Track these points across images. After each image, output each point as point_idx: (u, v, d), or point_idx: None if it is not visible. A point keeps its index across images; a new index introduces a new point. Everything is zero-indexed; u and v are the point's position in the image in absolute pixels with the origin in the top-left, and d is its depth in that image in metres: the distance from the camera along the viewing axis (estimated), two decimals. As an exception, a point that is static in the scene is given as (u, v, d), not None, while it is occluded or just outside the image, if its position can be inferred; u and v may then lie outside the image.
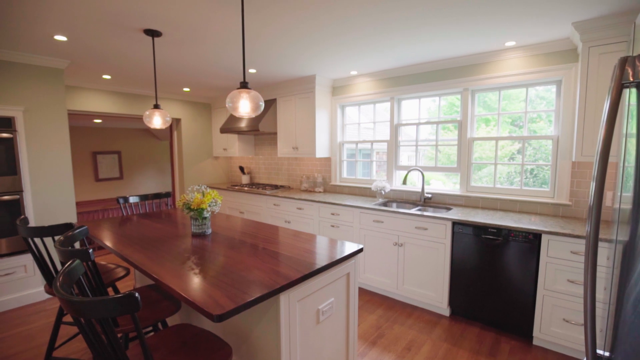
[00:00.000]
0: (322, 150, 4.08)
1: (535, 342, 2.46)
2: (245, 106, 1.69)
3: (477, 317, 2.73)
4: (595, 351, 0.91)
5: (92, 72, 3.59)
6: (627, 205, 0.89)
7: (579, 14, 2.14)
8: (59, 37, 2.56)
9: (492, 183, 3.15)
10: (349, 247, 1.85)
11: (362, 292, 3.35)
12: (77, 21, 2.25)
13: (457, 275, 2.75)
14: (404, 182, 3.34)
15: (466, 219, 2.65)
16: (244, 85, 1.73)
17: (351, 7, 2.06)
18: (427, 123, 3.54)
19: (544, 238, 2.31)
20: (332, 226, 3.56)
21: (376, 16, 2.19)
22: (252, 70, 3.63)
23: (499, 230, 2.51)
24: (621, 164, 1.03)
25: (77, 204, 7.28)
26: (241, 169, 5.36)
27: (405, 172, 3.60)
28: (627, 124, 0.95)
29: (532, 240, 2.37)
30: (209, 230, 2.20)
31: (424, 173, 3.44)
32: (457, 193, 3.28)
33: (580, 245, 2.19)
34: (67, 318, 2.96)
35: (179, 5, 2.02)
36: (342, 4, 2.02)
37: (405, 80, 3.55)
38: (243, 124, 4.38)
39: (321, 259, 1.67)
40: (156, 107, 2.57)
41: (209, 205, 2.10)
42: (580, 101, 2.34)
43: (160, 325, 2.01)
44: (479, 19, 2.23)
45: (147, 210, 3.23)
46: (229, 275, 1.47)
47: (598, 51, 2.24)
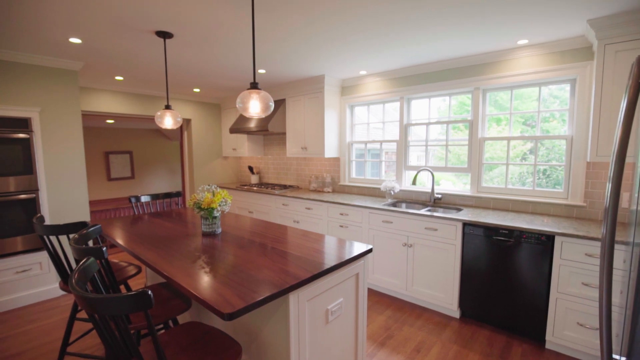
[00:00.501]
0: (330, 150, 4.08)
1: (547, 345, 2.42)
2: (255, 106, 1.71)
3: (487, 320, 2.70)
4: (611, 356, 0.89)
5: (105, 73, 3.66)
6: (646, 207, 0.87)
7: (594, 11, 2.10)
8: (74, 40, 2.62)
9: (504, 184, 3.10)
10: (358, 248, 1.85)
11: (371, 293, 3.34)
12: (92, 24, 2.29)
13: (468, 277, 2.72)
14: (414, 183, 3.32)
15: (477, 219, 2.62)
16: (254, 85, 1.74)
17: (360, 7, 2.05)
18: (438, 123, 3.51)
19: (558, 240, 2.27)
20: (341, 226, 3.55)
21: (386, 16, 2.18)
22: (262, 71, 3.65)
23: (510, 231, 2.47)
24: (638, 164, 1.00)
25: (90, 202, 7.42)
26: (250, 169, 5.40)
27: (415, 172, 3.57)
28: (646, 124, 0.93)
29: (545, 242, 2.32)
30: (219, 230, 2.22)
31: (434, 173, 3.41)
32: (468, 194, 3.24)
33: (595, 248, 2.14)
34: (80, 314, 3.03)
35: (190, 7, 2.05)
36: (352, 5, 2.01)
37: (415, 80, 3.53)
38: (252, 124, 4.41)
39: (330, 259, 1.67)
40: (167, 107, 2.61)
41: (219, 205, 2.12)
42: (595, 100, 2.29)
43: (171, 323, 2.04)
44: (490, 17, 2.21)
45: (158, 210, 3.27)
46: (238, 274, 1.48)
47: (614, 49, 2.19)
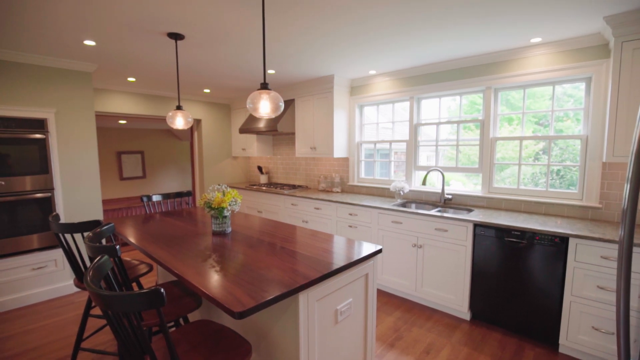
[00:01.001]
0: (340, 150, 4.08)
1: (561, 349, 2.37)
2: (265, 107, 1.71)
3: (499, 322, 2.66)
4: (630, 361, 0.87)
5: (118, 74, 3.73)
6: (666, 209, 0.85)
7: (611, 7, 2.05)
8: (88, 42, 2.67)
9: (516, 184, 3.05)
10: (368, 248, 1.84)
11: (380, 294, 3.33)
12: (106, 26, 2.34)
13: (479, 279, 2.68)
14: (424, 183, 3.29)
15: (488, 220, 2.58)
16: (264, 86, 1.75)
17: (370, 7, 2.04)
18: (448, 122, 3.47)
19: (572, 242, 2.22)
20: (350, 226, 3.54)
21: (396, 15, 2.17)
22: (271, 71, 3.67)
23: (523, 232, 2.43)
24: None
25: (103, 201, 7.57)
26: (259, 168, 5.43)
27: (424, 172, 3.54)
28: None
29: (559, 243, 2.28)
30: (229, 229, 2.24)
31: (444, 173, 3.38)
32: (479, 194, 3.20)
33: (611, 250, 2.09)
34: (94, 311, 3.09)
35: (202, 9, 2.07)
36: (362, 5, 2.00)
37: (425, 79, 3.50)
38: (262, 125, 4.43)
39: (339, 259, 1.66)
40: (179, 108, 2.64)
41: (229, 205, 2.14)
42: (612, 99, 2.23)
43: (181, 321, 2.07)
44: (503, 16, 2.17)
45: (169, 209, 3.32)
46: (249, 273, 1.49)
47: (632, 46, 2.13)
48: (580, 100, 2.72)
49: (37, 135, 3.12)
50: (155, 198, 3.28)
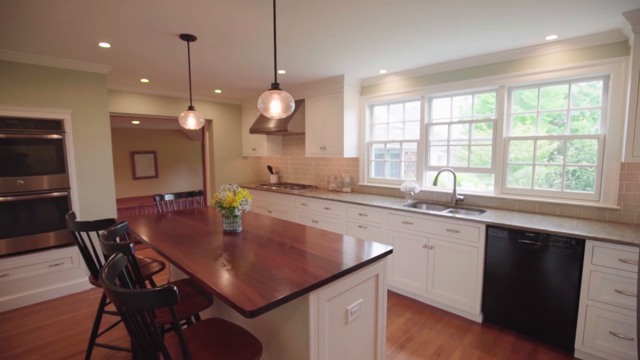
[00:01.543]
0: (350, 150, 4.07)
1: (576, 354, 2.31)
2: (276, 107, 1.72)
3: (512, 325, 2.61)
4: (651, 368, 0.84)
5: (132, 76, 3.80)
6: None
7: (631, 2, 1.98)
8: (103, 44, 2.73)
9: (530, 185, 2.99)
10: (378, 248, 1.83)
11: (390, 295, 3.30)
12: (120, 29, 2.38)
13: (491, 281, 2.64)
14: (435, 183, 3.25)
15: (501, 222, 2.54)
16: (275, 86, 1.75)
17: (381, 7, 2.03)
18: (460, 122, 3.43)
19: (588, 244, 2.16)
20: (360, 227, 3.53)
21: (407, 14, 2.15)
22: (281, 72, 3.68)
23: (537, 234, 2.38)
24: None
25: (117, 200, 7.71)
26: (269, 168, 5.46)
27: (435, 172, 3.50)
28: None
29: (575, 246, 2.22)
30: (240, 228, 2.26)
31: (456, 174, 3.33)
32: (491, 195, 3.15)
33: (630, 253, 2.03)
34: (108, 307, 3.15)
35: (213, 10, 2.09)
36: (372, 4, 1.99)
37: (437, 79, 3.46)
38: (272, 125, 4.45)
39: (350, 259, 1.66)
40: (191, 108, 2.67)
41: (240, 204, 2.15)
42: (631, 97, 2.17)
43: (193, 319, 2.09)
44: (517, 13, 2.13)
45: (181, 208, 3.36)
46: (259, 273, 1.50)
47: (652, 43, 2.07)
48: (597, 98, 2.65)
49: (54, 136, 3.20)
50: (168, 197, 3.33)
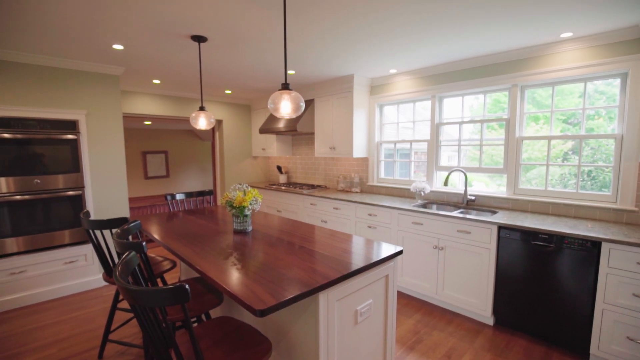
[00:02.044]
0: (359, 150, 4.05)
1: (592, 359, 2.26)
2: (286, 107, 1.73)
3: (524, 329, 2.56)
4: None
5: (144, 77, 3.86)
6: None
7: (650, -1, 1.93)
8: (117, 46, 2.78)
9: (543, 185, 2.93)
10: (388, 249, 1.82)
11: (399, 296, 3.28)
12: (133, 31, 2.42)
13: (503, 283, 2.60)
14: (445, 183, 3.22)
15: (514, 223, 2.50)
16: (285, 86, 1.76)
17: (391, 6, 2.02)
18: (472, 122, 3.38)
19: (605, 247, 2.11)
20: (369, 227, 3.52)
21: (417, 13, 2.13)
22: (291, 72, 3.69)
23: (551, 236, 2.33)
24: None
25: (129, 199, 7.85)
26: (279, 168, 5.48)
27: (446, 172, 3.46)
28: None
29: (590, 248, 2.17)
30: (250, 228, 2.27)
31: (467, 174, 3.29)
32: (503, 195, 3.10)
33: (648, 256, 1.97)
34: (121, 304, 3.20)
35: (224, 12, 2.11)
36: (382, 4, 1.98)
37: (448, 78, 3.42)
38: (281, 125, 4.47)
39: (359, 260, 1.65)
40: (202, 109, 2.70)
41: (250, 204, 2.17)
42: (650, 96, 2.10)
43: (203, 317, 2.11)
44: (531, 10, 2.09)
45: (192, 207, 3.40)
46: (269, 272, 1.51)
47: (673, 40, 2.00)
48: (614, 97, 2.59)
49: (70, 136, 3.27)
50: (179, 197, 3.37)
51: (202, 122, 2.71)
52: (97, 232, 3.52)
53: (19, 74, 3.02)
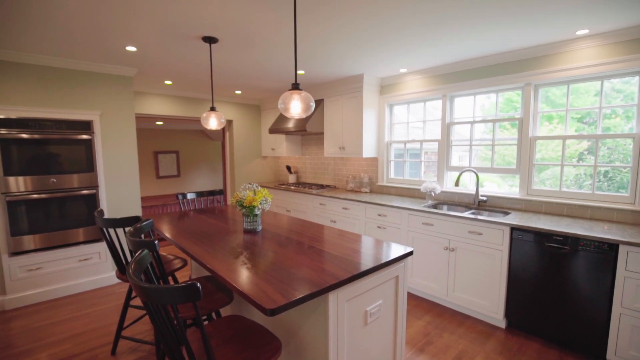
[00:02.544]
0: (369, 150, 4.04)
1: (608, 365, 2.20)
2: (296, 107, 1.73)
3: (537, 332, 2.51)
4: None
5: (156, 78, 3.92)
6: None
7: (671, -6, 1.87)
8: (130, 48, 2.82)
9: (557, 186, 2.87)
10: (398, 250, 1.81)
11: (409, 297, 3.25)
12: (146, 32, 2.46)
13: (516, 285, 2.55)
14: (457, 184, 3.18)
15: (527, 224, 2.45)
16: (295, 86, 1.76)
17: (402, 4, 2.00)
18: (484, 121, 3.33)
19: (622, 249, 2.05)
20: (379, 227, 3.50)
21: (428, 12, 2.11)
22: (300, 72, 3.70)
23: (565, 238, 2.28)
24: None
25: (141, 198, 7.98)
26: (288, 168, 5.50)
27: (457, 173, 3.42)
28: None
29: (607, 251, 2.12)
30: (260, 227, 2.28)
31: (478, 174, 3.24)
32: (516, 196, 3.04)
33: (668, 259, 1.91)
34: (133, 302, 3.26)
35: (234, 12, 2.12)
36: (393, 4, 1.97)
37: (459, 77, 3.38)
38: (291, 125, 4.48)
39: (369, 260, 1.64)
40: (212, 109, 2.72)
41: (260, 203, 2.18)
42: (670, 94, 2.04)
43: (213, 315, 2.13)
44: (546, 7, 2.05)
45: (202, 206, 3.44)
46: (279, 271, 1.51)
47: (695, 36, 1.94)
48: (632, 95, 2.52)
49: (84, 136, 3.34)
50: (190, 196, 3.41)
51: (212, 122, 2.74)
52: (111, 231, 3.59)
53: (37, 76, 3.10)
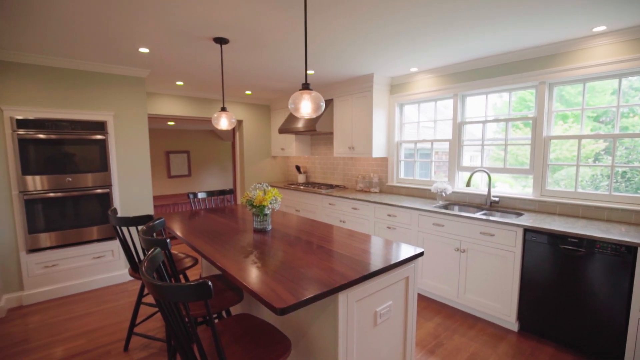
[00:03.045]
0: (378, 150, 4.02)
1: (626, 371, 2.14)
2: (306, 107, 1.73)
3: (551, 336, 2.46)
4: None
5: (168, 79, 3.97)
6: None
7: (693, -12, 1.81)
8: (143, 50, 2.87)
9: (573, 187, 2.81)
10: (409, 250, 1.79)
11: (419, 298, 3.23)
12: (158, 34, 2.50)
13: (529, 288, 2.50)
14: (468, 184, 3.13)
15: (541, 226, 2.40)
16: (305, 86, 1.76)
17: (414, 4, 1.98)
18: (496, 121, 3.28)
19: (641, 252, 1.99)
20: (389, 227, 3.47)
21: (439, 10, 2.08)
22: (310, 72, 3.70)
23: (581, 240, 2.23)
24: None
25: (153, 197, 8.10)
26: (297, 168, 5.51)
27: (468, 173, 3.37)
28: None
29: (625, 253, 2.06)
30: (269, 227, 2.29)
31: (490, 175, 3.19)
32: (529, 197, 2.98)
33: (690, 263, 1.85)
34: (145, 299, 3.31)
35: (245, 13, 2.14)
36: (403, 3, 1.96)
37: (471, 75, 3.33)
38: (300, 125, 4.49)
39: (379, 261, 1.64)
40: (223, 109, 2.75)
41: (270, 203, 2.19)
42: (692, 92, 1.97)
43: (224, 313, 2.15)
44: (562, 3, 2.00)
45: (213, 206, 3.47)
46: (289, 271, 1.52)
47: None
48: (653, 94, 2.44)
49: (98, 136, 3.41)
50: (200, 195, 3.45)
51: (223, 123, 2.76)
52: (124, 229, 3.65)
53: (54, 78, 3.18)
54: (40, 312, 3.01)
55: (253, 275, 1.47)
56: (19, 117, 3.01)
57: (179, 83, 4.20)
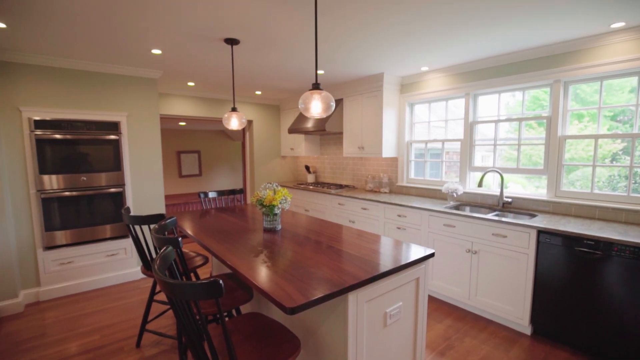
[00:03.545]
0: (388, 150, 3.99)
1: (644, 377, 2.08)
2: (317, 107, 1.73)
3: (565, 340, 2.41)
4: None
5: (179, 80, 4.02)
6: None
7: None
8: (155, 51, 2.92)
9: (589, 188, 2.74)
10: (419, 251, 1.78)
11: (429, 299, 3.19)
12: (171, 35, 2.53)
13: (542, 290, 2.45)
14: (480, 185, 3.09)
15: (555, 227, 2.35)
16: (315, 86, 1.76)
17: (426, 3, 1.96)
18: (509, 120, 3.22)
19: (661, 255, 1.93)
20: (398, 228, 3.45)
21: (450, 8, 2.06)
22: (320, 72, 3.70)
23: (597, 242, 2.17)
24: None
25: (164, 197, 8.22)
26: (307, 168, 5.52)
27: (480, 173, 3.33)
28: None
29: (644, 256, 2.00)
30: (279, 226, 2.30)
31: (503, 175, 3.14)
32: (543, 198, 2.92)
33: None
34: (157, 297, 3.36)
35: (256, 14, 2.15)
36: (416, 2, 1.94)
37: (483, 74, 3.28)
38: (310, 124, 4.49)
39: (389, 261, 1.62)
40: (234, 110, 2.77)
41: (280, 202, 2.19)
42: None
43: (234, 312, 2.17)
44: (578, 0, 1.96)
45: (223, 205, 3.50)
46: (299, 270, 1.52)
47: None
48: (674, 92, 2.36)
49: (112, 137, 3.48)
50: (211, 195, 3.48)
51: (234, 123, 2.78)
52: (136, 227, 3.71)
53: (69, 79, 3.25)
54: (56, 307, 3.09)
55: (263, 275, 1.48)
56: (37, 118, 3.10)
57: (190, 84, 4.25)
